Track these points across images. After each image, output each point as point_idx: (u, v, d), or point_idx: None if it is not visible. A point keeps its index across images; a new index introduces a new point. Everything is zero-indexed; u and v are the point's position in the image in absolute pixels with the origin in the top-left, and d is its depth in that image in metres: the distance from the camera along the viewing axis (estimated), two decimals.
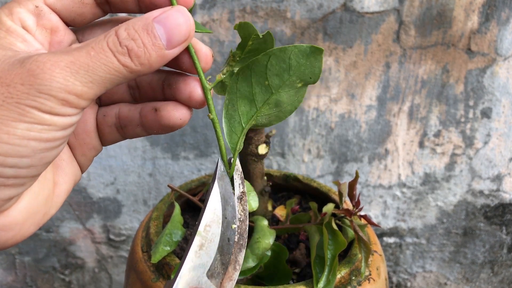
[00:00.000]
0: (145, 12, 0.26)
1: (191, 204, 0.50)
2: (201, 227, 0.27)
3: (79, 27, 0.29)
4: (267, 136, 0.42)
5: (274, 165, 0.73)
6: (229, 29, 0.63)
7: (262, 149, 0.42)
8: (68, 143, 0.30)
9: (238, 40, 0.64)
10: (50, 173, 0.28)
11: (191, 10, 0.26)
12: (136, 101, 0.31)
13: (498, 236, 0.78)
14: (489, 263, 0.80)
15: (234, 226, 0.27)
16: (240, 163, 0.43)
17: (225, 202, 0.28)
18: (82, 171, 0.31)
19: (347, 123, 0.70)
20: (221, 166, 0.30)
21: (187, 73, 0.29)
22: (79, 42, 0.29)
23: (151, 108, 0.29)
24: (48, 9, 0.26)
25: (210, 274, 0.26)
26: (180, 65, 0.29)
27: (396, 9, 0.62)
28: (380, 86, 0.67)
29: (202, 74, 0.29)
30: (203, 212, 0.27)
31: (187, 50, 0.27)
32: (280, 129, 0.70)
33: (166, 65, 0.27)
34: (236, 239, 0.27)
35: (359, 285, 0.39)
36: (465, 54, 0.65)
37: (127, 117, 0.30)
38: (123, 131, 0.31)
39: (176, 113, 0.29)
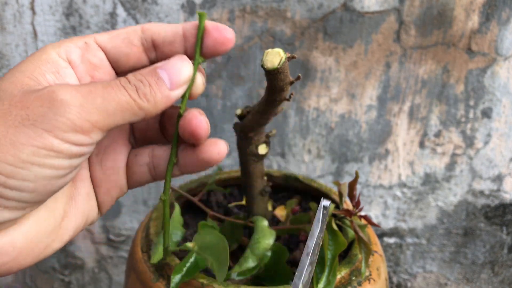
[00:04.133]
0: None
1: (191, 205, 0.50)
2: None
3: (122, 71, 0.29)
4: (267, 136, 0.42)
5: (274, 165, 0.73)
6: None
7: (262, 149, 0.42)
8: (93, 179, 0.30)
9: (238, 40, 0.64)
10: (61, 203, 0.28)
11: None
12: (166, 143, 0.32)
13: (498, 236, 0.78)
14: (489, 263, 0.80)
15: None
16: (240, 163, 0.43)
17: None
18: (101, 212, 0.31)
19: (347, 123, 0.70)
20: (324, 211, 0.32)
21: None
22: None
23: (188, 145, 0.30)
24: (97, 46, 0.28)
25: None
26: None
27: (397, 9, 0.62)
28: (381, 86, 0.67)
29: (173, 153, 0.30)
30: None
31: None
32: (280, 129, 0.70)
33: None
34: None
35: (359, 285, 0.39)
36: (466, 54, 0.65)
37: (162, 156, 0.31)
38: (155, 172, 0.31)
39: (215, 147, 0.30)
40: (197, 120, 0.28)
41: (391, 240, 0.80)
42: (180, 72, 0.27)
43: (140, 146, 0.32)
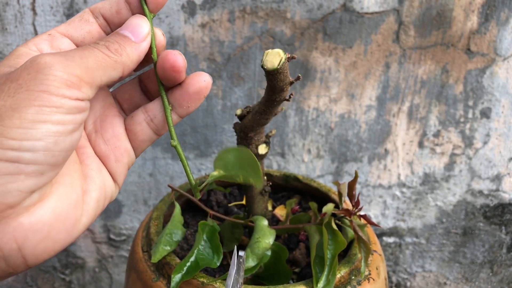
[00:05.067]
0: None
1: (191, 204, 0.50)
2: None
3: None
4: (267, 136, 0.42)
5: (274, 165, 0.73)
6: (229, 29, 0.63)
7: (262, 149, 0.42)
8: (100, 154, 0.32)
9: (239, 40, 0.64)
10: (77, 179, 0.29)
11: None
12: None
13: (497, 236, 0.78)
14: (488, 262, 0.80)
15: None
16: None
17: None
18: (118, 184, 0.33)
19: (347, 123, 0.70)
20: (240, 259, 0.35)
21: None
22: None
23: (175, 87, 0.33)
24: (60, 35, 0.31)
25: None
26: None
27: (396, 10, 0.63)
28: (380, 86, 0.67)
29: (165, 99, 0.33)
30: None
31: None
32: (280, 129, 0.70)
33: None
34: None
35: (359, 284, 0.39)
36: (465, 54, 0.65)
37: (154, 108, 0.33)
38: (154, 124, 0.33)
39: (199, 77, 0.32)
40: (171, 54, 0.31)
41: (391, 240, 0.80)
42: (139, 26, 0.30)
43: (131, 110, 0.35)
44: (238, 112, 0.41)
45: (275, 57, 0.32)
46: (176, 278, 0.36)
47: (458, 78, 0.67)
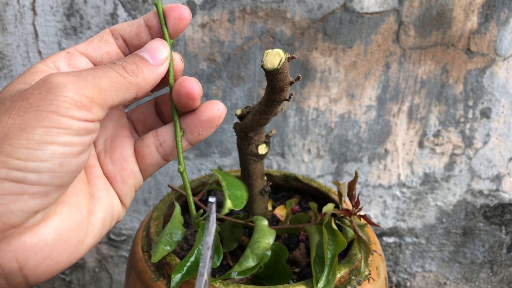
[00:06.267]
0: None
1: None
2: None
3: None
4: (267, 136, 0.42)
5: (274, 165, 0.73)
6: (229, 29, 0.63)
7: (262, 149, 0.42)
8: (107, 175, 0.32)
9: (239, 40, 0.64)
10: (84, 200, 0.29)
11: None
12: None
13: (497, 236, 0.78)
14: (488, 262, 0.80)
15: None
16: (240, 163, 0.43)
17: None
18: (124, 205, 0.33)
19: (347, 123, 0.70)
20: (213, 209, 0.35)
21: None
22: None
23: (188, 113, 0.33)
24: (79, 54, 0.31)
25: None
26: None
27: (396, 10, 0.63)
28: (380, 86, 0.67)
29: (177, 124, 0.33)
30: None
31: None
32: (280, 129, 0.70)
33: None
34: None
35: (359, 284, 0.39)
36: (465, 54, 0.65)
37: (165, 132, 0.33)
38: (162, 148, 0.33)
39: (214, 106, 0.32)
40: (188, 81, 0.31)
41: (391, 240, 0.80)
42: (158, 50, 0.30)
43: (144, 133, 0.35)
44: (238, 112, 0.41)
45: (275, 57, 0.32)
46: (176, 278, 0.36)
47: (458, 78, 0.67)
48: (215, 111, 0.32)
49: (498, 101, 0.68)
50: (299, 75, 0.34)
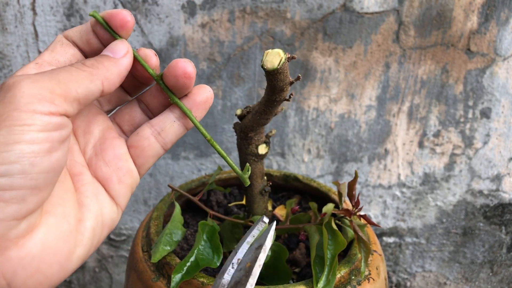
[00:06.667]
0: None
1: (191, 204, 0.50)
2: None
3: None
4: (267, 136, 0.42)
5: (274, 165, 0.73)
6: (229, 29, 0.63)
7: (262, 149, 0.42)
8: (100, 177, 0.31)
9: (239, 40, 0.64)
10: (71, 209, 0.28)
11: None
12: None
13: (497, 236, 0.78)
14: (488, 262, 0.80)
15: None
16: (240, 163, 0.43)
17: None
18: (120, 206, 0.32)
19: (347, 123, 0.70)
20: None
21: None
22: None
23: (183, 98, 0.33)
24: (47, 63, 0.30)
25: None
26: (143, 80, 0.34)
27: (396, 10, 0.63)
28: (380, 86, 0.67)
29: (182, 104, 0.33)
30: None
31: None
32: (280, 129, 0.70)
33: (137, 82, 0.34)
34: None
35: (359, 284, 0.39)
36: (465, 54, 0.65)
37: (161, 121, 0.33)
38: (161, 137, 0.33)
39: (205, 88, 0.33)
40: (182, 61, 0.31)
41: (391, 240, 0.80)
42: (116, 45, 0.30)
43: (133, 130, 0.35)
44: (238, 112, 0.41)
45: (275, 57, 0.32)
46: (176, 278, 0.36)
47: (458, 78, 0.67)
48: (208, 92, 0.33)
49: (498, 101, 0.68)
50: (299, 75, 0.34)
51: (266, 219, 0.33)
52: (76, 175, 0.30)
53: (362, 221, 0.43)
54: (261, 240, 0.31)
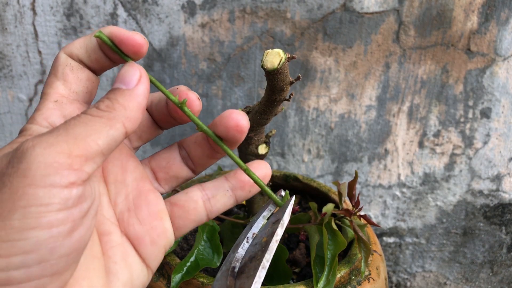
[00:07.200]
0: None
1: None
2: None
3: None
4: (267, 136, 0.42)
5: (274, 165, 0.73)
6: (229, 29, 0.63)
7: (262, 149, 0.42)
8: (131, 237, 0.28)
9: (239, 40, 0.64)
10: (97, 279, 0.25)
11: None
12: (195, 172, 0.32)
13: (497, 236, 0.78)
14: (488, 262, 0.80)
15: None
16: None
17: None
18: (151, 268, 0.29)
19: (347, 123, 0.70)
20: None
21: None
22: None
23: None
24: (66, 99, 0.27)
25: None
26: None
27: (396, 10, 0.63)
28: (380, 86, 0.67)
29: (238, 160, 0.30)
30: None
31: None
32: (280, 129, 0.70)
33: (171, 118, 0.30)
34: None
35: (359, 284, 0.39)
36: (465, 54, 0.65)
37: (213, 186, 0.30)
38: (210, 204, 0.30)
39: (265, 165, 0.31)
40: (235, 113, 0.28)
41: (391, 240, 0.80)
42: (127, 72, 0.26)
43: (172, 187, 0.32)
44: None
45: (275, 57, 0.32)
46: (176, 278, 0.36)
47: (458, 78, 0.67)
48: (267, 170, 0.30)
49: (498, 101, 0.68)
50: (299, 75, 0.34)
51: (283, 193, 0.31)
52: (104, 234, 0.27)
53: (362, 221, 0.43)
54: (278, 215, 0.29)
